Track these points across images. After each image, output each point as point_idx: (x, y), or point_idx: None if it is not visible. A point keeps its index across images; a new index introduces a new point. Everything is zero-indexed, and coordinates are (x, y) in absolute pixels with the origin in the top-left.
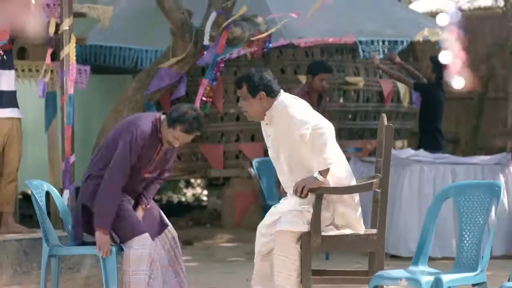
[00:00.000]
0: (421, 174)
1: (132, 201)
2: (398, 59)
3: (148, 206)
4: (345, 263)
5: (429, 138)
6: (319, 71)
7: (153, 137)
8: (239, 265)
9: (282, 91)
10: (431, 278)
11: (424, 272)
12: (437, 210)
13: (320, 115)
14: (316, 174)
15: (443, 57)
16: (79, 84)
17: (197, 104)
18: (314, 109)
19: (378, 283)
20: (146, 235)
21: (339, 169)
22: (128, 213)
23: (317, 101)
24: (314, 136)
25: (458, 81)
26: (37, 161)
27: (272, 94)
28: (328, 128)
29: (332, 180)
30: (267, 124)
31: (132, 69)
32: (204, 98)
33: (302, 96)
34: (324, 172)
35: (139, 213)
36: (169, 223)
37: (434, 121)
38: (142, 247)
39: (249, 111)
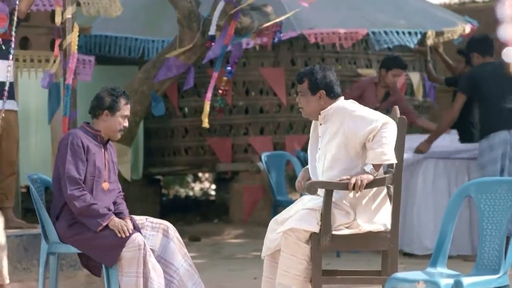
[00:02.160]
0: (436, 169)
1: None
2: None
3: (130, 219)
4: (356, 261)
5: (462, 130)
6: (393, 66)
7: (89, 139)
8: (248, 262)
9: (342, 97)
10: (451, 280)
11: (443, 274)
12: (457, 208)
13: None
14: (369, 168)
15: (503, 33)
16: (83, 76)
17: (208, 97)
18: (378, 104)
19: (394, 286)
20: (134, 235)
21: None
22: (105, 231)
23: (384, 97)
24: (381, 129)
25: None
26: (41, 154)
27: (332, 94)
28: (395, 127)
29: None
30: (321, 124)
31: (138, 60)
32: (220, 91)
33: (367, 86)
34: (377, 166)
35: (129, 225)
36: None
37: (467, 114)
38: (131, 249)
39: (305, 108)
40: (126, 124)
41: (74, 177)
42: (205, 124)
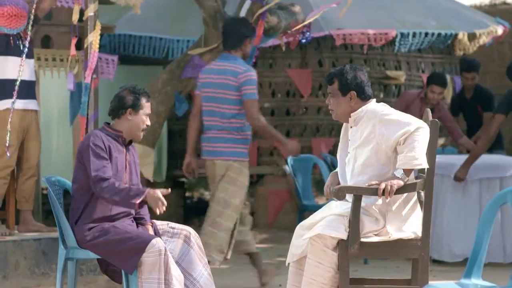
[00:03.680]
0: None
1: (134, 224)
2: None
3: (151, 224)
4: (385, 268)
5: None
6: (430, 82)
7: (111, 141)
8: (272, 268)
9: (374, 99)
10: None
11: (478, 286)
12: (493, 216)
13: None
14: (399, 173)
15: None
16: (106, 75)
17: None
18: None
19: None
20: (155, 240)
21: None
22: (124, 236)
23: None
24: (414, 133)
25: None
26: (62, 156)
27: (363, 96)
28: (428, 131)
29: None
30: (351, 127)
31: (162, 60)
32: None
33: (413, 100)
34: (408, 171)
35: (150, 232)
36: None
37: None
38: (152, 254)
39: (336, 110)
40: (148, 122)
41: (103, 177)
42: None
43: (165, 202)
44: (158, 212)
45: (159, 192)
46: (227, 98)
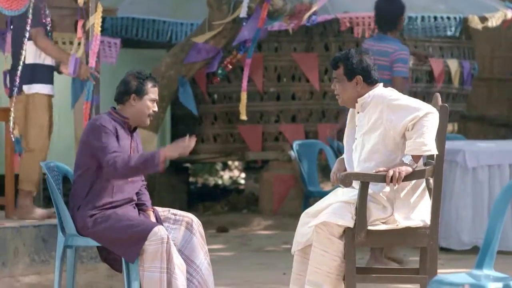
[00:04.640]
0: (475, 160)
1: (136, 210)
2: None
3: (153, 210)
4: None
5: None
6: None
7: (117, 126)
8: (277, 256)
9: (381, 83)
10: (500, 284)
11: (490, 277)
12: (505, 205)
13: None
14: (408, 159)
15: None
16: (108, 58)
17: (244, 87)
18: None
19: None
20: (157, 228)
21: None
22: (126, 223)
23: None
24: (422, 118)
25: None
26: (64, 141)
27: (369, 80)
28: (437, 117)
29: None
30: (358, 112)
31: (166, 43)
32: (226, 63)
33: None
34: (417, 158)
35: (152, 218)
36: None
37: None
38: (154, 242)
39: (342, 95)
40: (155, 108)
41: (116, 149)
42: (243, 116)
43: (189, 140)
44: (192, 145)
45: (174, 145)
46: (383, 78)
